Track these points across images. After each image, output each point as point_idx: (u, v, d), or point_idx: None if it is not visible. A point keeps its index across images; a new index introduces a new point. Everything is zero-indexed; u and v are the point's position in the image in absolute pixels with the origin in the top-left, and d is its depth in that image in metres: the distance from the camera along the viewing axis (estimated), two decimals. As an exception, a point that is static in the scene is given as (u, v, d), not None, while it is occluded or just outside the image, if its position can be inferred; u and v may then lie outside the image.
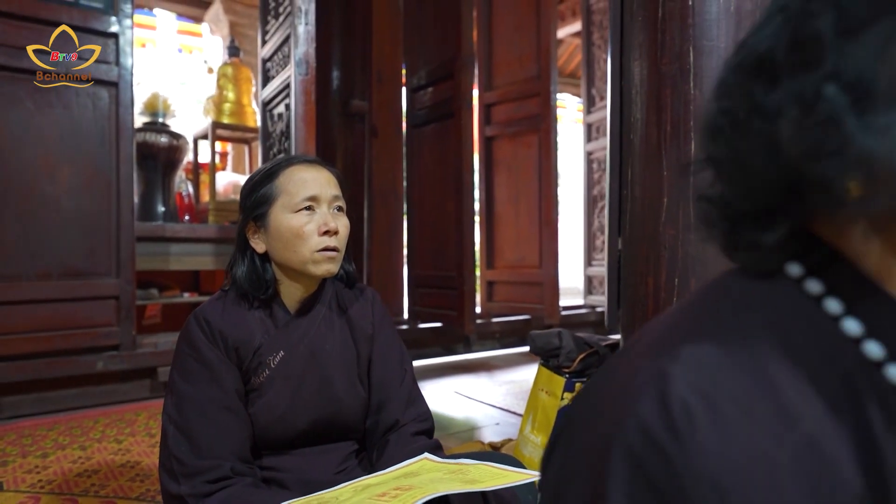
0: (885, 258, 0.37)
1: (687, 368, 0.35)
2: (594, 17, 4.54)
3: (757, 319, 0.38)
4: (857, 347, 0.37)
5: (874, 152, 0.33)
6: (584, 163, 4.69)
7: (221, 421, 1.02)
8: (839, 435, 0.33)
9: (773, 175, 0.39)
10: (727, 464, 0.30)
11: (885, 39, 0.34)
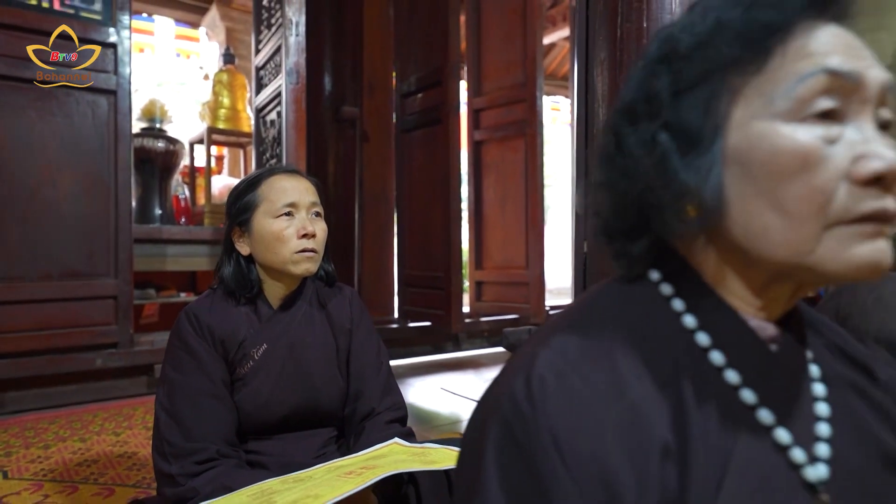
0: (719, 267, 0.48)
1: (551, 353, 0.45)
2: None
3: (616, 315, 0.49)
4: (692, 337, 0.47)
5: (690, 185, 0.44)
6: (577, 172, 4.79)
7: (209, 408, 1.12)
8: (660, 403, 0.43)
9: (632, 199, 0.49)
10: (564, 421, 0.41)
11: (706, 100, 0.44)
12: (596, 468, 0.39)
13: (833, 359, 0.53)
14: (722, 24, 0.44)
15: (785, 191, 0.41)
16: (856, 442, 0.48)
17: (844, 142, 0.41)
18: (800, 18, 0.43)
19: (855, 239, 0.41)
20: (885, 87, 0.43)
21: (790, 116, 0.42)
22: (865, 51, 0.44)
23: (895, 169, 0.40)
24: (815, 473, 0.44)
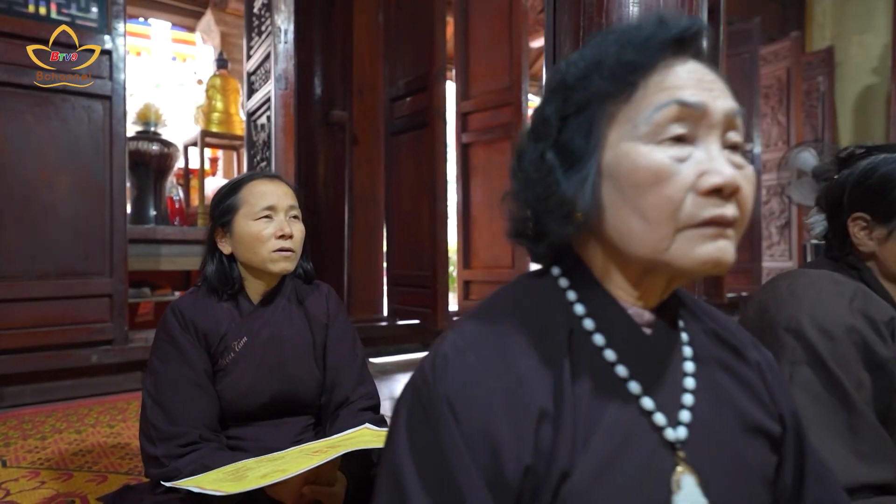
0: (604, 263, 0.57)
1: (455, 335, 0.55)
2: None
3: (514, 304, 0.58)
4: (580, 322, 0.57)
5: (569, 196, 0.53)
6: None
7: (192, 396, 1.22)
8: (543, 377, 0.52)
9: (532, 207, 0.58)
10: (458, 389, 0.50)
11: (587, 124, 0.54)
12: (482, 427, 0.49)
13: (708, 341, 0.62)
14: (599, 62, 0.53)
15: (644, 200, 0.51)
16: (717, 409, 0.57)
17: (692, 160, 0.51)
18: (660, 58, 0.53)
19: (700, 239, 0.50)
20: (730, 115, 0.52)
21: (649, 139, 0.51)
22: (716, 83, 0.54)
23: (731, 183, 0.50)
24: (674, 434, 0.53)
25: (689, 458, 0.53)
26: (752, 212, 0.54)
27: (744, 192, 0.52)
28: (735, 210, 0.51)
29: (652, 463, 0.52)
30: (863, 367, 0.85)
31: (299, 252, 1.34)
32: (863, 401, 0.83)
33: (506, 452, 0.48)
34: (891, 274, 0.94)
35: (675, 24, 0.53)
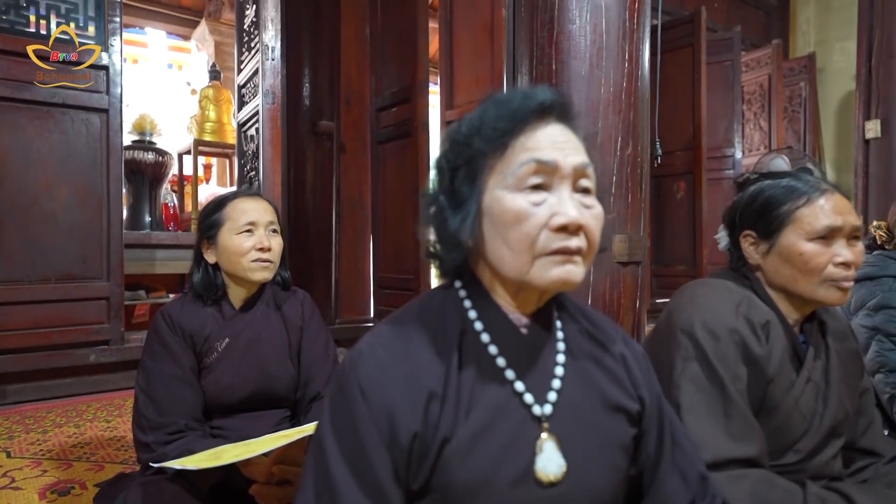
0: (491, 279, 0.73)
1: (372, 335, 0.71)
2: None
3: (422, 310, 0.74)
4: (472, 324, 0.72)
5: (454, 229, 0.69)
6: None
7: (179, 390, 1.37)
8: (436, 366, 0.68)
9: (435, 235, 0.74)
10: (367, 376, 0.66)
11: (471, 174, 0.69)
12: (383, 405, 0.64)
13: (580, 339, 0.78)
14: (480, 127, 0.69)
15: (509, 234, 0.66)
16: (582, 391, 0.73)
17: (546, 204, 0.66)
18: (525, 124, 0.68)
19: (551, 265, 0.66)
20: (579, 168, 0.68)
21: (514, 188, 0.67)
22: (569, 143, 0.69)
23: (574, 222, 0.65)
24: (540, 410, 0.69)
25: (552, 428, 0.69)
26: (597, 243, 0.70)
27: (589, 227, 0.67)
28: (580, 242, 0.66)
29: (520, 431, 0.68)
30: (741, 362, 1.01)
31: (277, 262, 1.49)
32: (738, 391, 0.99)
33: (400, 424, 0.64)
34: (773, 283, 1.09)
35: (537, 98, 0.69)
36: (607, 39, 1.62)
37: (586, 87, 1.63)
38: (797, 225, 1.05)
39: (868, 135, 3.36)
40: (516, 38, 1.80)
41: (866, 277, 1.61)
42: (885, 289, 1.53)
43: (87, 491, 1.66)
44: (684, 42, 5.03)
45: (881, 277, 1.57)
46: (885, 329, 1.49)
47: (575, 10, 1.62)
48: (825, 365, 1.09)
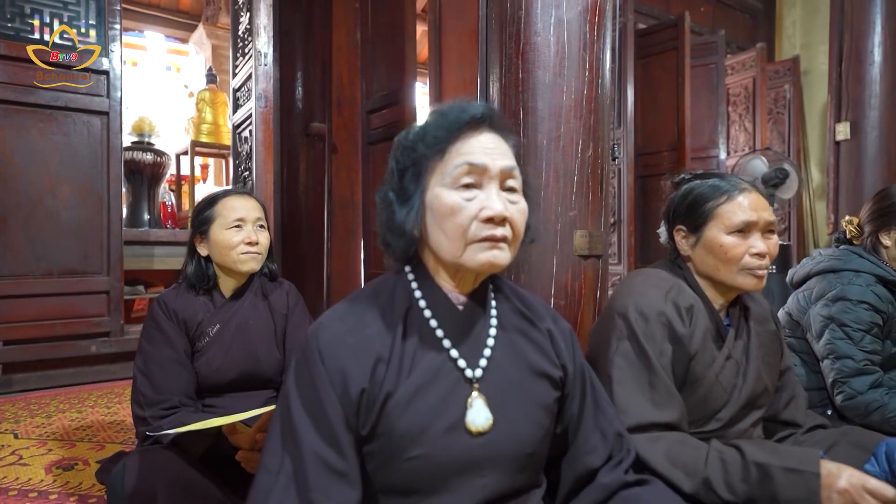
0: (434, 264, 0.87)
1: (333, 310, 0.84)
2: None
3: (375, 291, 0.87)
4: (417, 302, 0.86)
5: (401, 220, 0.83)
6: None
7: (173, 370, 1.50)
8: (384, 336, 0.82)
9: (387, 226, 0.88)
10: (326, 344, 0.79)
11: (416, 174, 0.83)
12: (338, 367, 0.78)
13: (512, 315, 0.91)
14: (424, 135, 0.83)
15: (446, 225, 0.80)
16: (510, 359, 0.87)
17: (477, 200, 0.80)
18: (461, 132, 0.82)
19: (480, 249, 0.79)
20: (505, 170, 0.82)
21: (450, 186, 0.80)
22: (498, 149, 0.83)
23: (499, 215, 0.79)
24: (471, 373, 0.83)
25: (481, 388, 0.83)
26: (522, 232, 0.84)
27: (513, 219, 0.81)
28: (506, 231, 0.80)
29: (453, 390, 0.81)
30: (667, 340, 1.15)
31: (264, 255, 1.63)
32: (662, 366, 1.12)
33: (351, 381, 0.78)
34: (700, 272, 1.23)
35: (470, 111, 0.82)
36: (569, 50, 1.75)
37: (550, 93, 1.76)
38: (719, 220, 1.19)
39: (839, 137, 3.50)
40: (488, 48, 1.93)
41: (829, 270, 1.72)
42: (845, 281, 1.64)
43: (89, 467, 1.80)
44: (669, 45, 5.16)
45: (843, 271, 1.68)
46: (839, 319, 1.61)
47: (539, 24, 1.75)
48: (746, 344, 1.23)
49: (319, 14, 3.81)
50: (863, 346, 1.57)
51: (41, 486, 1.67)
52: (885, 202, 1.71)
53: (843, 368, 1.58)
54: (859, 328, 1.57)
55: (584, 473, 0.92)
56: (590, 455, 0.92)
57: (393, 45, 3.59)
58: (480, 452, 0.81)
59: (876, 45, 3.36)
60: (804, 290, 1.76)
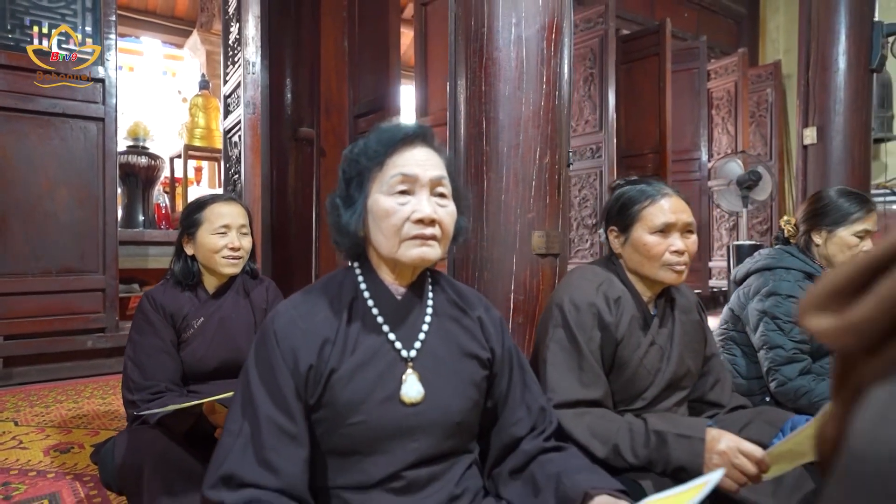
0: (377, 260, 1.01)
1: (289, 300, 0.99)
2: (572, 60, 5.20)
3: (326, 283, 1.02)
4: (362, 293, 1.00)
5: (345, 222, 0.97)
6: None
7: (160, 359, 1.65)
8: (331, 322, 0.96)
9: (337, 228, 1.02)
10: (281, 327, 0.94)
11: (359, 183, 0.97)
12: (290, 346, 0.92)
13: (447, 304, 1.06)
14: (365, 149, 0.97)
15: (383, 225, 0.94)
16: (442, 342, 1.01)
17: (409, 204, 0.94)
18: (397, 147, 0.96)
19: (412, 246, 0.94)
20: (434, 180, 0.96)
21: (387, 192, 0.95)
22: (429, 161, 0.97)
23: (427, 216, 0.93)
24: (406, 353, 0.97)
25: (415, 366, 0.97)
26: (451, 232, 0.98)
27: (442, 220, 0.95)
28: (435, 231, 0.95)
29: (390, 367, 0.96)
30: (596, 328, 1.29)
31: (246, 258, 1.77)
32: (591, 351, 1.27)
33: (301, 359, 0.92)
34: (630, 267, 1.38)
35: (404, 130, 0.97)
36: (527, 65, 1.90)
37: (510, 105, 1.91)
38: (643, 221, 1.33)
39: (806, 141, 3.65)
40: (456, 61, 2.08)
41: (765, 268, 1.88)
42: (777, 278, 1.80)
43: (84, 450, 1.94)
44: (651, 51, 5.31)
45: (776, 268, 1.84)
46: (771, 312, 1.76)
47: (500, 41, 1.90)
48: (670, 331, 1.37)
49: (308, 23, 3.96)
50: (792, 336, 1.71)
51: (40, 466, 1.81)
52: (817, 204, 1.85)
53: (775, 357, 1.72)
54: (789, 320, 1.72)
55: (510, 442, 1.06)
56: (515, 426, 1.06)
57: (378, 53, 3.73)
58: (412, 420, 0.95)
59: (840, 53, 3.51)
60: (744, 287, 1.91)
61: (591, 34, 5.01)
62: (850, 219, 1.80)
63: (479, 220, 1.93)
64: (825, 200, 1.84)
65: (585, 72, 5.08)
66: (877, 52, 3.46)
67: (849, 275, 0.30)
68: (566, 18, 2.01)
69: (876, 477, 0.25)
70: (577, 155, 5.18)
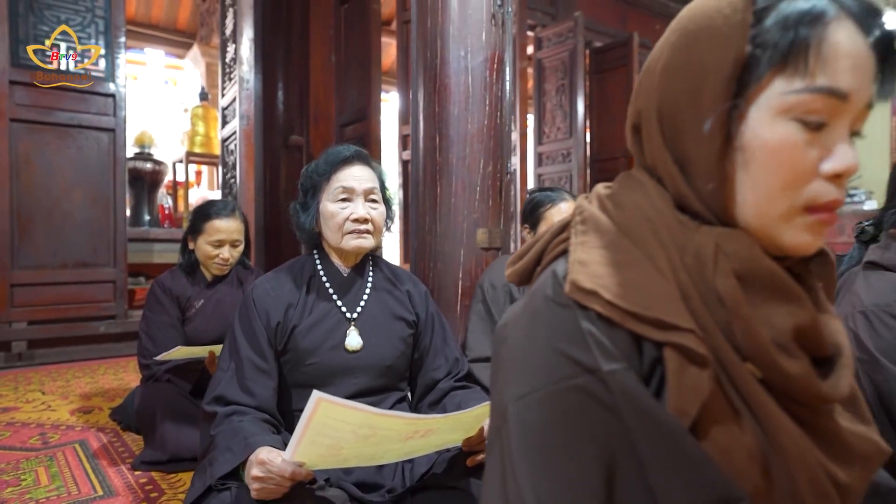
0: (329, 248, 1.40)
1: (264, 276, 1.38)
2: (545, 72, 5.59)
3: (292, 265, 1.40)
4: (319, 272, 1.39)
5: (301, 221, 1.36)
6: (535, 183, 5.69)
7: (168, 332, 2.03)
8: (293, 291, 1.35)
9: (299, 225, 1.40)
10: (258, 296, 1.33)
11: (313, 194, 1.36)
12: (264, 309, 1.31)
13: (383, 280, 1.44)
14: (316, 167, 1.36)
15: (329, 224, 1.33)
16: (377, 307, 1.39)
17: (349, 208, 1.32)
18: (340, 165, 1.34)
19: (351, 238, 1.32)
20: (367, 190, 1.34)
21: (331, 200, 1.33)
22: (363, 176, 1.35)
23: (361, 216, 1.31)
24: (350, 315, 1.35)
25: (356, 324, 1.35)
26: (382, 226, 1.36)
27: (374, 218, 1.33)
28: (368, 227, 1.33)
29: (338, 325, 1.34)
30: (508, 302, 1.68)
31: (235, 263, 2.14)
32: (501, 319, 1.65)
33: (272, 317, 1.30)
34: (537, 257, 1.76)
35: (343, 153, 1.35)
36: (473, 91, 2.28)
37: (458, 124, 2.29)
38: (546, 221, 1.72)
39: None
40: (416, 86, 2.45)
41: None
42: None
43: (103, 411, 2.32)
44: (620, 63, 5.69)
45: None
46: None
47: (451, 70, 2.28)
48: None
49: (298, 41, 4.34)
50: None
51: (67, 422, 2.19)
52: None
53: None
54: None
55: (431, 383, 1.44)
56: (435, 371, 1.44)
57: (362, 68, 4.11)
58: (353, 363, 1.33)
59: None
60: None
61: (562, 48, 5.39)
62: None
63: (433, 220, 2.31)
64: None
65: (557, 83, 5.46)
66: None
67: (525, 247, 0.68)
68: (507, 51, 2.39)
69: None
70: (549, 159, 5.56)
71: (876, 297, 1.11)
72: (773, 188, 0.52)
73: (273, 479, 0.98)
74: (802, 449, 0.52)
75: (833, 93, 0.50)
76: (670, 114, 0.56)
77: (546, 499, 0.49)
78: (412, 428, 0.98)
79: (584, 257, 0.55)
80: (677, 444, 0.49)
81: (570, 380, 0.50)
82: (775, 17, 0.51)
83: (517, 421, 0.52)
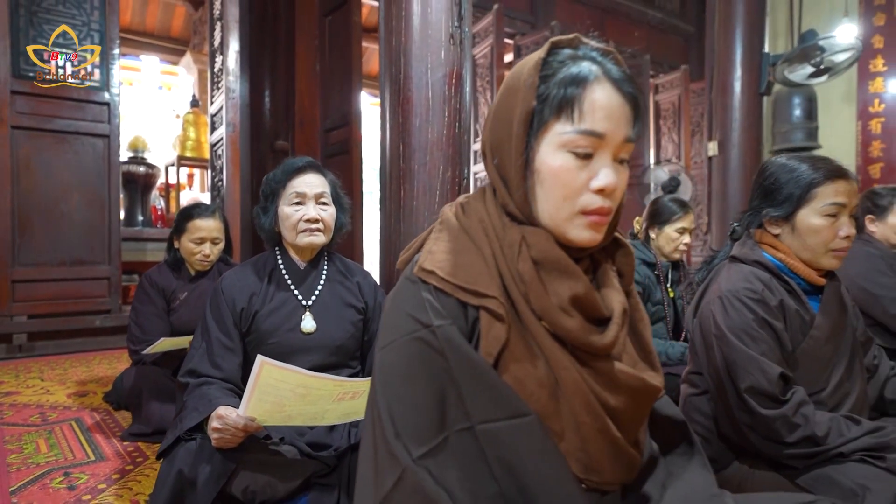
0: (287, 245, 1.63)
1: (231, 269, 1.61)
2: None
3: (256, 260, 1.64)
4: (279, 265, 1.63)
5: (262, 223, 1.59)
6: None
7: (154, 321, 2.27)
8: (258, 282, 1.59)
9: (262, 228, 1.64)
10: (226, 285, 1.57)
11: (273, 200, 1.59)
12: (231, 296, 1.55)
13: (336, 273, 1.67)
14: (274, 175, 1.59)
15: (286, 224, 1.56)
16: (330, 296, 1.63)
17: (302, 210, 1.56)
18: (295, 174, 1.58)
19: (305, 235, 1.56)
20: (318, 195, 1.58)
21: (287, 204, 1.56)
22: (315, 183, 1.59)
23: (313, 217, 1.55)
24: (305, 303, 1.59)
25: (311, 310, 1.58)
26: (332, 225, 1.60)
27: (324, 219, 1.57)
28: (318, 225, 1.56)
29: (294, 311, 1.57)
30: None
31: (216, 258, 2.38)
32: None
33: (237, 303, 1.53)
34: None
35: (297, 163, 1.58)
36: (433, 103, 2.51)
37: (420, 133, 2.52)
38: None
39: (710, 153, 4.27)
40: (385, 98, 2.68)
41: None
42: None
43: (97, 395, 2.55)
44: (596, 70, 5.90)
45: None
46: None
47: (413, 84, 2.51)
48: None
49: (284, 50, 4.58)
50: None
51: (64, 403, 2.42)
52: (652, 208, 2.48)
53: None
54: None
55: (377, 361, 1.68)
56: (381, 351, 1.68)
57: (345, 76, 4.34)
58: (308, 343, 1.56)
59: (736, 79, 4.13)
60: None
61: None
62: (673, 218, 2.43)
63: (397, 221, 2.55)
64: (657, 205, 2.47)
65: (535, 89, 5.69)
66: (764, 78, 4.08)
67: (412, 242, 0.91)
68: (465, 67, 2.63)
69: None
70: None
71: (730, 284, 1.36)
72: (558, 199, 0.76)
73: (229, 430, 1.21)
74: (577, 379, 0.76)
75: (592, 133, 0.74)
76: (495, 146, 0.81)
77: (397, 417, 0.73)
78: (340, 389, 1.22)
79: (433, 248, 0.80)
80: (483, 376, 0.73)
81: (414, 333, 0.74)
82: (553, 80, 0.76)
83: (380, 364, 0.76)
